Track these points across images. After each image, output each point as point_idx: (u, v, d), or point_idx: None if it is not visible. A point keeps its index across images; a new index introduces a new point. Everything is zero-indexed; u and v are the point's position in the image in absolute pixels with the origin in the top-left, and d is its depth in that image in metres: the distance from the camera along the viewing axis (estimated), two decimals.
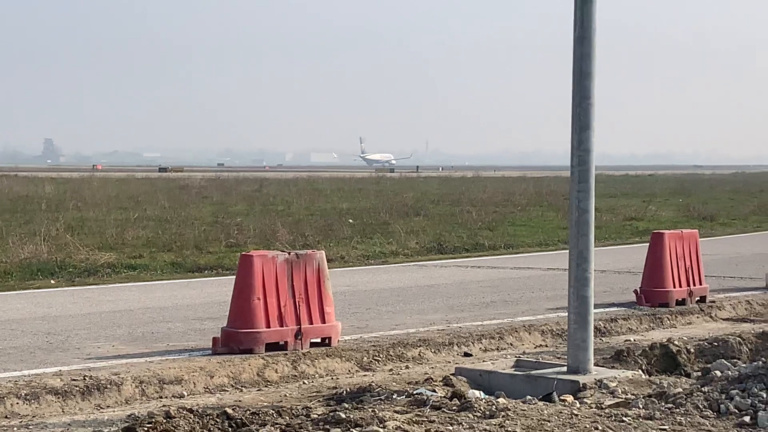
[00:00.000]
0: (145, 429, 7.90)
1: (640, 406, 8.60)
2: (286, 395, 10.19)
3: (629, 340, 13.25)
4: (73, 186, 56.59)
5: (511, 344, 12.94)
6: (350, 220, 32.07)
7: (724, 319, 15.42)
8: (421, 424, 7.92)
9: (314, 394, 10.18)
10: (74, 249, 21.96)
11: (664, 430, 7.93)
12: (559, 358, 11.46)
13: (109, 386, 9.88)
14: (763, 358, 9.28)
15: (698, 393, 8.68)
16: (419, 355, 12.05)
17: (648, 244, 16.19)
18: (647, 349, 11.28)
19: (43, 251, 21.43)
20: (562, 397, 9.16)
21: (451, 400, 8.70)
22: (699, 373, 10.34)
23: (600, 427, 7.91)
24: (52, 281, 18.54)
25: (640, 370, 10.53)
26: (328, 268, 12.13)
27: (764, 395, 8.40)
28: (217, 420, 8.14)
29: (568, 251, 10.23)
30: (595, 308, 10.36)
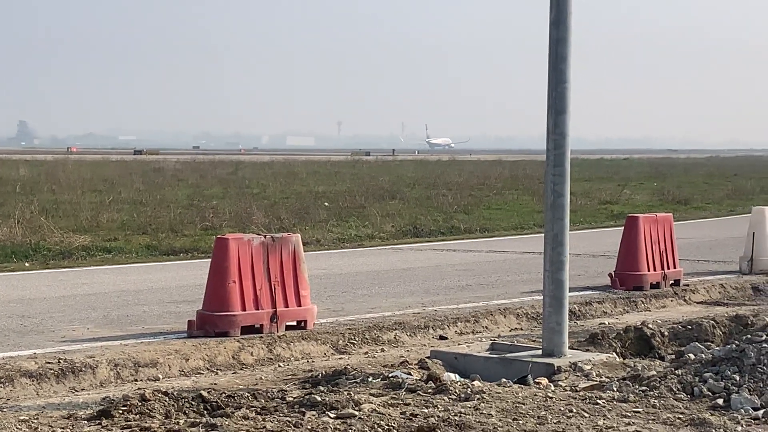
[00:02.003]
0: (120, 412, 7.89)
1: (615, 389, 8.64)
2: (261, 378, 10.19)
3: (604, 324, 13.30)
4: (47, 168, 56.15)
5: (487, 327, 12.96)
6: (326, 204, 32.03)
7: (697, 303, 15.51)
8: (397, 406, 7.94)
9: (290, 377, 10.18)
10: (49, 232, 21.86)
11: (638, 412, 7.97)
12: (534, 341, 11.50)
13: (83, 369, 9.85)
14: (736, 342, 9.32)
15: (672, 376, 8.73)
16: (395, 338, 12.06)
17: (623, 227, 16.25)
18: (621, 332, 11.35)
19: (18, 234, 21.32)
20: (536, 380, 9.20)
21: (426, 383, 8.72)
22: (673, 356, 10.41)
23: (574, 410, 7.95)
24: (27, 264, 18.44)
25: (614, 353, 10.59)
26: (304, 252, 12.12)
27: (737, 378, 8.45)
28: (193, 403, 8.13)
29: (543, 235, 10.26)
30: (569, 292, 10.40)
